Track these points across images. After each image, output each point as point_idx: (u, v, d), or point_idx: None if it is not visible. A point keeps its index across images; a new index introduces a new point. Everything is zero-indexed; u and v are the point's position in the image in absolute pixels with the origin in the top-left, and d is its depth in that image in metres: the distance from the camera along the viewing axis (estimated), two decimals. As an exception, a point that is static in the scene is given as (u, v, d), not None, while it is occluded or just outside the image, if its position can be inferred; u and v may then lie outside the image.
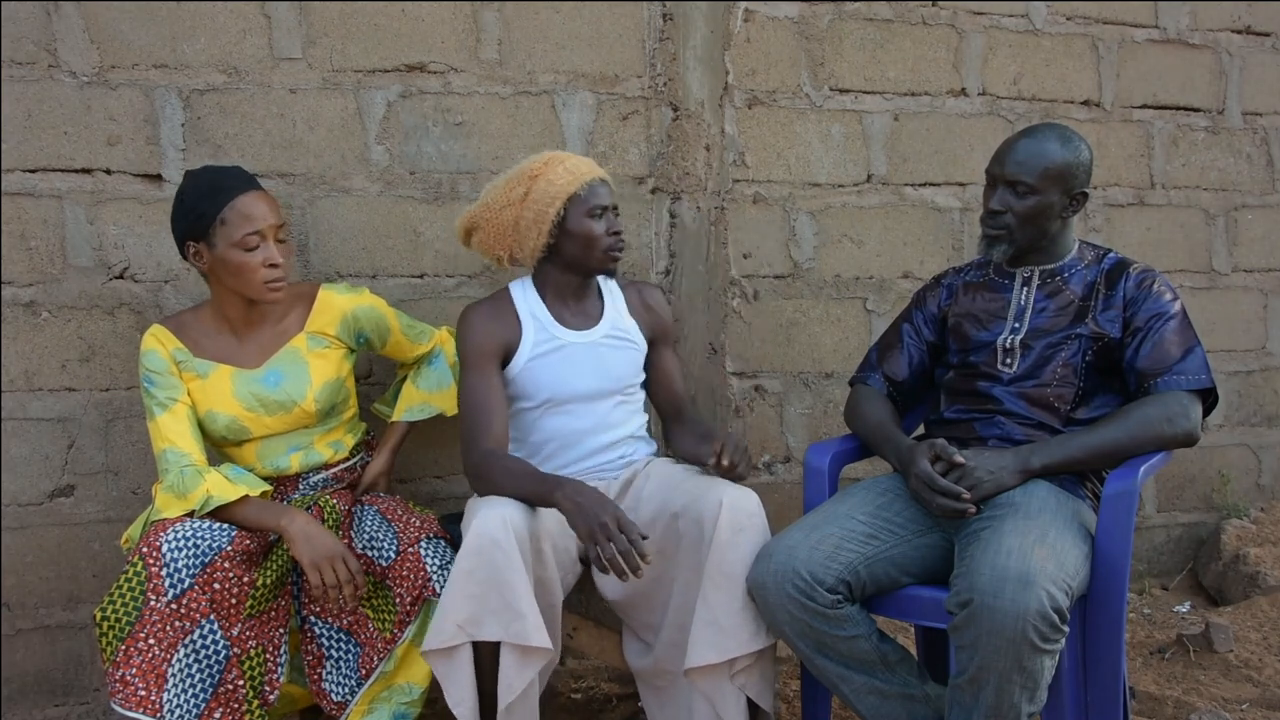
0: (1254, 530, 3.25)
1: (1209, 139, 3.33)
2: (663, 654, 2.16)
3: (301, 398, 2.21)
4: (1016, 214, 2.13)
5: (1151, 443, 2.02)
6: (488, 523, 1.93)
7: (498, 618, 1.90)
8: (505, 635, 1.90)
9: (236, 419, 2.17)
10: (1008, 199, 2.14)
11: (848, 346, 3.01)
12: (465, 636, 1.91)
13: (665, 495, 2.18)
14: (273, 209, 2.13)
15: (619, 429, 2.30)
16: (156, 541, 1.95)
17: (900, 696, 1.96)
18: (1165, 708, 2.50)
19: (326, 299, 2.29)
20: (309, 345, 2.25)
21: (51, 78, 2.44)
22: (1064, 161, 2.11)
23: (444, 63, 2.66)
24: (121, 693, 1.88)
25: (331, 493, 2.25)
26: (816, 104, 2.96)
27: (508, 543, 1.91)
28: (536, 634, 1.91)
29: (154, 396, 2.13)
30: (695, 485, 2.14)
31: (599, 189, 2.21)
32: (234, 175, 2.14)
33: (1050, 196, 2.12)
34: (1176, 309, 2.10)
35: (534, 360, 2.22)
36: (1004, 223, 2.15)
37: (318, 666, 2.12)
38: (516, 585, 1.91)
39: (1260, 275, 3.40)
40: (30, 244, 2.46)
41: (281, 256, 2.13)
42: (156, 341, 2.17)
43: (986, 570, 1.76)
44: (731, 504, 2.04)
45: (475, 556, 1.92)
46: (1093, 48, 3.18)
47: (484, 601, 1.90)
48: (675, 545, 2.11)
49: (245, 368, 2.19)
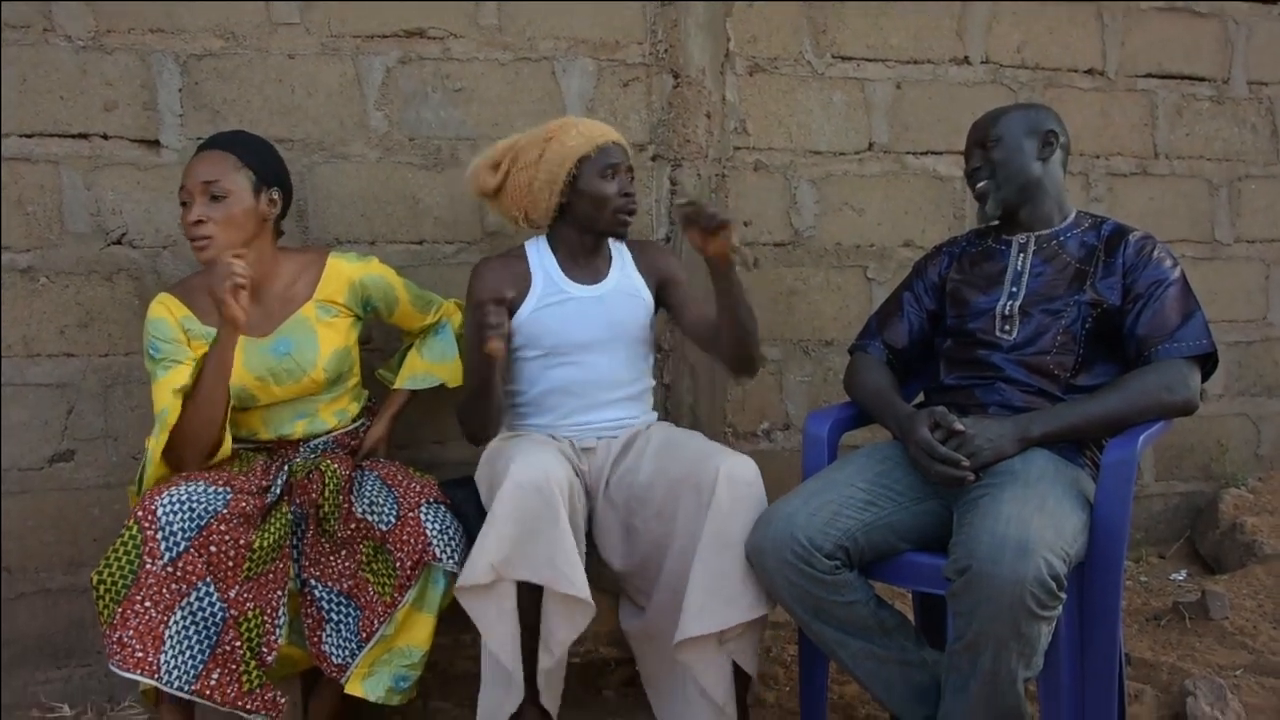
0: (1251, 499, 3.26)
1: (1213, 108, 3.31)
2: (654, 616, 2.19)
3: (311, 367, 2.21)
4: (991, 163, 2.23)
5: (1151, 411, 2.02)
6: (528, 470, 1.97)
7: (533, 561, 1.94)
8: (540, 578, 1.93)
9: (245, 388, 2.17)
10: (980, 155, 2.26)
11: (848, 315, 3.01)
12: (496, 576, 1.94)
13: (665, 460, 2.19)
14: (208, 165, 2.11)
15: (623, 386, 2.33)
16: (151, 505, 1.95)
17: (897, 662, 1.97)
18: (1160, 674, 2.52)
19: (335, 267, 2.28)
20: (318, 314, 2.25)
21: (47, 42, 2.42)
22: (1018, 110, 2.28)
23: (443, 28, 2.64)
24: (119, 654, 1.89)
25: (332, 457, 2.25)
26: (818, 71, 2.94)
27: (549, 491, 1.95)
28: (579, 584, 1.94)
29: (158, 361, 2.12)
30: (694, 452, 2.16)
31: (611, 150, 2.27)
32: (214, 137, 2.19)
33: (1016, 138, 2.23)
34: (1176, 275, 2.10)
35: (540, 310, 2.28)
36: (983, 176, 2.25)
37: (318, 629, 2.13)
38: (557, 534, 1.94)
39: (1262, 246, 3.38)
40: (27, 209, 2.45)
41: (212, 214, 2.10)
42: (165, 309, 2.17)
43: (985, 537, 1.76)
44: (729, 472, 2.05)
45: (513, 501, 1.95)
46: (1097, 15, 3.16)
47: (520, 544, 1.94)
48: (674, 510, 2.12)
49: (253, 335, 2.18)
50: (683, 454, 2.18)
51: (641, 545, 2.18)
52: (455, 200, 2.68)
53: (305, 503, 2.16)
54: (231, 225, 2.12)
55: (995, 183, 2.23)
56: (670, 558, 2.13)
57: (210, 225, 2.09)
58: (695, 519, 2.07)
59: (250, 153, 2.18)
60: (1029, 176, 2.22)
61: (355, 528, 2.12)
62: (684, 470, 2.12)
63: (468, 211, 2.69)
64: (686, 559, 2.07)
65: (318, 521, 2.15)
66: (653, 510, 2.17)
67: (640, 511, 2.19)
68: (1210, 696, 2.29)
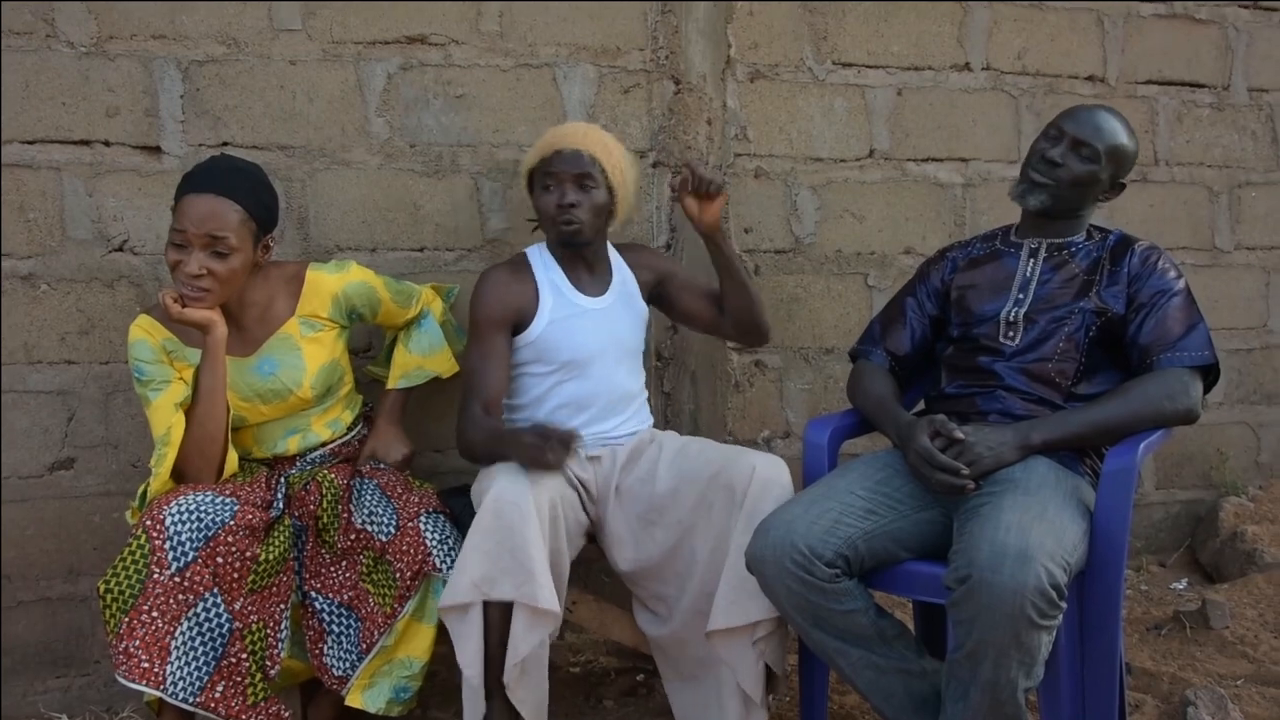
0: (1252, 508, 3.25)
1: (1214, 115, 3.31)
2: (684, 621, 2.18)
3: (297, 386, 2.19)
4: (1070, 172, 2.15)
5: (1152, 419, 2.03)
6: (507, 487, 1.98)
7: (511, 577, 1.93)
8: (517, 595, 1.93)
9: (234, 409, 2.14)
10: (1069, 156, 2.16)
11: (848, 322, 3.01)
12: (479, 594, 1.94)
13: (687, 466, 2.21)
14: (212, 219, 2.00)
15: (627, 395, 2.35)
16: (159, 514, 1.95)
17: (897, 671, 1.97)
18: (1161, 684, 2.51)
19: (315, 280, 2.23)
20: (302, 330, 2.21)
21: (49, 48, 2.43)
22: (1127, 146, 2.17)
23: (445, 35, 2.64)
24: (125, 664, 1.89)
25: (329, 467, 2.24)
26: (819, 78, 2.94)
27: (525, 506, 1.96)
28: (546, 596, 1.94)
29: (146, 384, 2.10)
30: (722, 453, 2.20)
31: (554, 160, 2.22)
32: (210, 170, 2.07)
33: (1104, 171, 2.16)
34: (1180, 286, 2.11)
35: (553, 325, 2.27)
36: (1056, 175, 2.16)
37: (319, 641, 2.13)
38: (530, 547, 1.94)
39: (1263, 253, 3.38)
40: (29, 216, 2.45)
41: (215, 268, 2.01)
42: (144, 332, 2.13)
43: (985, 546, 1.76)
44: (764, 473, 2.10)
45: (493, 517, 1.96)
46: (1098, 22, 3.16)
47: (498, 560, 1.94)
48: (704, 513, 2.14)
49: (237, 355, 2.15)
50: (708, 456, 2.20)
51: (657, 550, 2.19)
52: (456, 207, 2.68)
53: (304, 515, 2.16)
54: (232, 281, 2.06)
55: (1055, 190, 2.16)
56: (701, 559, 2.14)
57: (210, 279, 2.02)
58: (728, 517, 2.09)
59: (253, 199, 2.08)
60: (1081, 206, 2.21)
61: (355, 538, 2.12)
62: (714, 470, 2.15)
63: (468, 218, 2.69)
64: (719, 559, 2.09)
65: (317, 533, 2.15)
66: (675, 517, 2.18)
67: (661, 520, 2.20)
68: (1211, 706, 2.28)
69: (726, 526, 2.09)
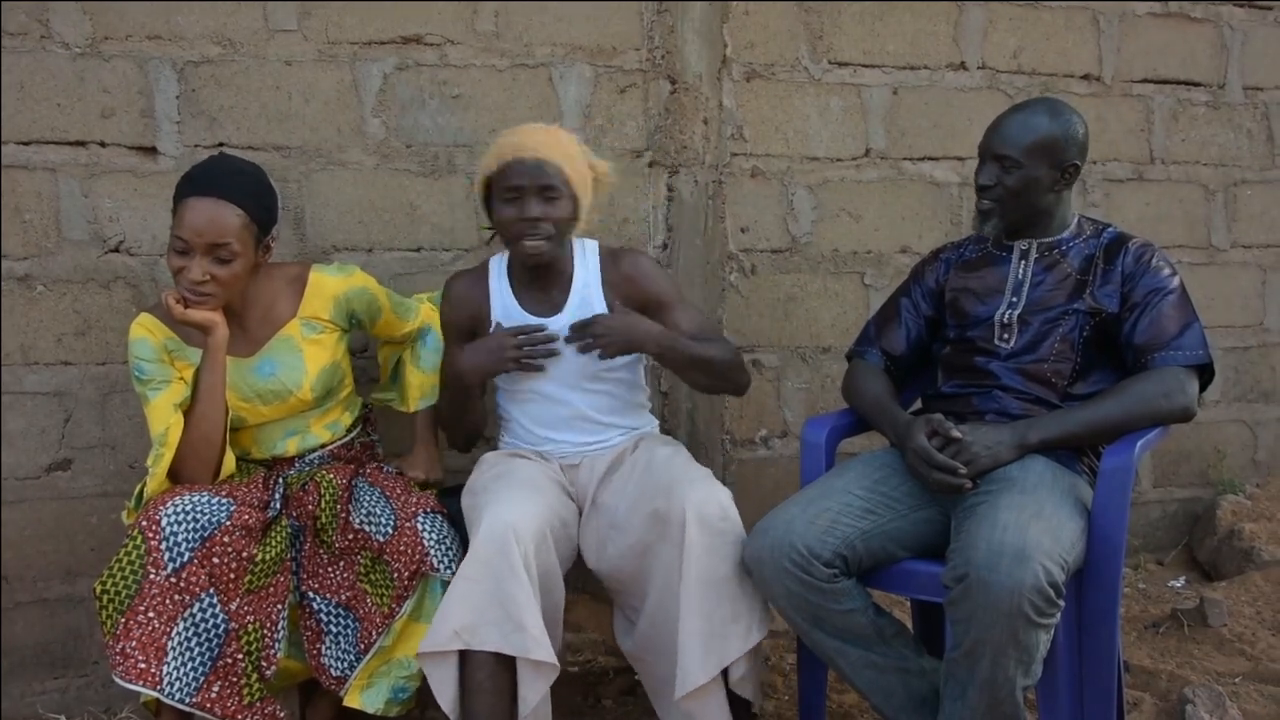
0: (1249, 506, 3.26)
1: (1209, 113, 3.31)
2: (642, 641, 2.13)
3: (298, 387, 2.18)
4: (1005, 188, 2.13)
5: (1148, 418, 2.02)
6: (494, 529, 1.92)
7: (498, 628, 1.89)
8: (504, 646, 1.89)
9: (233, 409, 2.13)
10: (995, 173, 2.14)
11: (845, 321, 3.01)
12: (460, 644, 1.91)
13: (643, 489, 2.11)
14: (214, 226, 1.98)
15: (597, 411, 2.24)
16: (155, 515, 1.95)
17: (896, 670, 1.97)
18: (1159, 681, 2.52)
19: (318, 282, 2.22)
20: (303, 332, 2.20)
21: (44, 49, 2.42)
22: (1051, 135, 2.11)
23: (441, 35, 2.64)
24: (122, 665, 1.89)
25: (328, 468, 2.24)
26: (815, 77, 2.95)
27: (512, 553, 1.90)
28: (537, 647, 1.89)
29: (146, 383, 2.10)
30: (665, 482, 2.06)
31: (514, 169, 2.05)
32: (211, 171, 2.06)
33: (1036, 170, 2.12)
34: (1175, 284, 2.10)
35: None
36: (994, 196, 2.15)
37: (316, 642, 2.13)
38: (519, 597, 1.89)
39: (1259, 251, 3.39)
40: (25, 217, 2.45)
41: (218, 274, 2.00)
42: (145, 331, 2.12)
43: (983, 545, 1.76)
44: (698, 513, 1.98)
45: (480, 565, 1.91)
46: (1093, 21, 3.16)
47: (484, 612, 1.89)
48: (649, 544, 2.06)
49: (237, 355, 2.15)
50: (658, 482, 2.08)
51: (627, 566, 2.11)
52: (453, 207, 2.68)
53: (302, 515, 2.15)
54: (234, 284, 2.05)
55: (1003, 208, 2.15)
56: (653, 591, 2.06)
57: (213, 284, 2.01)
58: (671, 556, 2.00)
59: (254, 202, 2.06)
60: (1039, 207, 2.16)
61: (353, 538, 2.12)
62: (656, 505, 2.03)
63: (465, 218, 2.69)
64: (668, 595, 2.01)
65: (315, 533, 2.15)
66: (628, 542, 2.09)
67: (617, 541, 2.11)
68: (1209, 704, 2.29)
69: (673, 559, 1.99)
